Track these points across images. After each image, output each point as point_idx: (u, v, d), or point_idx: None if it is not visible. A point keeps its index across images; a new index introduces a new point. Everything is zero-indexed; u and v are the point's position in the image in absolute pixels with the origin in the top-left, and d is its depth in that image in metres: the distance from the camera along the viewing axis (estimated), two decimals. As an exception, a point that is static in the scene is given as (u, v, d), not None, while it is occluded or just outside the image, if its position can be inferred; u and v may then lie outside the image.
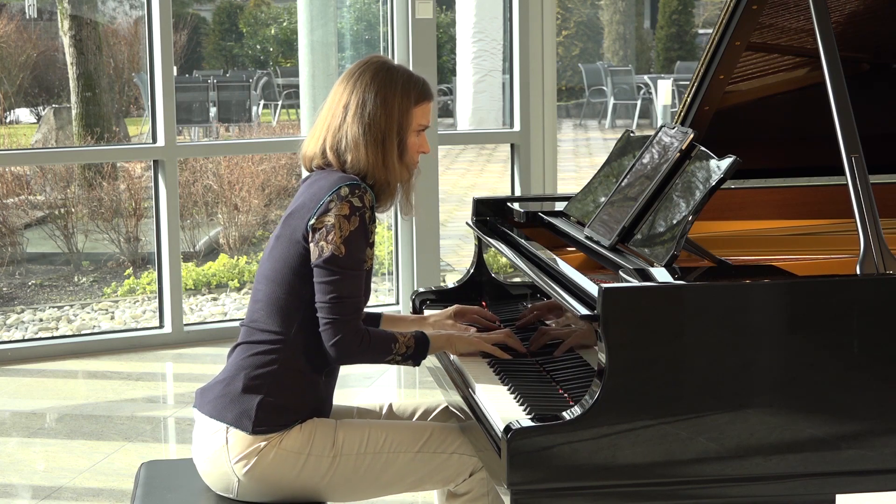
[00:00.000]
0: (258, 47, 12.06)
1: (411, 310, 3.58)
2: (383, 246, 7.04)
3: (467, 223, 3.63)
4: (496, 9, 10.84)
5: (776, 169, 3.66)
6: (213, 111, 9.81)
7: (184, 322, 6.35)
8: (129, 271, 7.50)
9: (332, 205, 2.80)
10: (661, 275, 2.58)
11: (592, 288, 2.58)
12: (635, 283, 2.52)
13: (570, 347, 2.83)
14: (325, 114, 2.95)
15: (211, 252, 7.88)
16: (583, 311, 2.55)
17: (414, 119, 2.92)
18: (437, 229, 6.78)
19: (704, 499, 2.53)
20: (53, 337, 6.55)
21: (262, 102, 12.39)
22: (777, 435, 2.51)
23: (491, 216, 3.60)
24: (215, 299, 7.37)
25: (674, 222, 2.77)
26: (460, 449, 2.88)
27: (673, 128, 3.06)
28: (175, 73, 6.29)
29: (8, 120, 8.28)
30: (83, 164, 7.76)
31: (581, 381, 2.71)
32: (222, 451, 2.82)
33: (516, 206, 3.54)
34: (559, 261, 2.90)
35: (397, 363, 2.90)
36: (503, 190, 10.94)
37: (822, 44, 2.79)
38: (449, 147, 13.89)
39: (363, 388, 5.55)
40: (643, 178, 3.00)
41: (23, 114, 8.64)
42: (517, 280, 3.34)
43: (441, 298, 3.56)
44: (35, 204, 7.73)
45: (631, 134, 3.34)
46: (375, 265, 3.05)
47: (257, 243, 8.00)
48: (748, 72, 3.55)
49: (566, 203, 3.41)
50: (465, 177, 13.48)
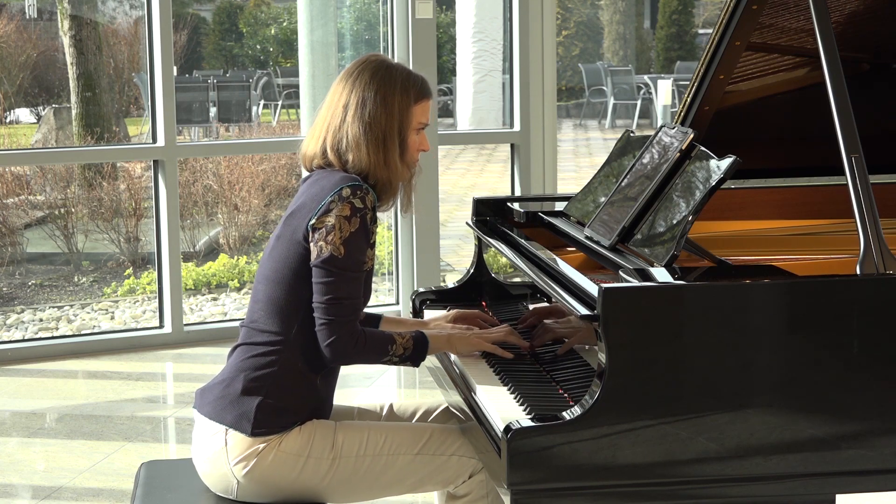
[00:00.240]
0: (258, 47, 12.06)
1: (411, 310, 3.58)
2: (383, 246, 7.04)
3: (467, 223, 3.63)
4: (496, 9, 10.84)
5: (776, 169, 3.66)
6: (213, 111, 9.80)
7: (184, 322, 6.35)
8: (129, 271, 7.49)
9: (334, 205, 2.79)
10: (661, 275, 2.58)
11: (592, 288, 2.58)
12: (635, 283, 2.52)
13: (571, 348, 2.83)
14: (325, 113, 2.94)
15: (211, 252, 7.87)
16: (583, 311, 2.55)
17: (414, 117, 2.91)
18: (437, 229, 6.78)
19: (704, 499, 2.53)
20: (53, 337, 6.54)
21: (262, 102, 12.38)
22: (777, 435, 2.51)
23: (491, 216, 3.59)
24: (215, 299, 7.37)
25: (674, 222, 2.77)
26: (460, 451, 2.88)
27: (673, 128, 3.05)
28: (175, 73, 6.28)
29: (8, 120, 8.28)
30: (83, 164, 7.76)
31: (581, 381, 2.70)
32: (221, 453, 2.81)
33: (516, 206, 3.54)
34: (559, 261, 2.89)
35: (395, 364, 2.89)
36: (503, 190, 10.93)
37: (822, 44, 2.79)
38: (449, 147, 13.89)
39: (363, 389, 5.55)
40: (643, 178, 3.00)
41: (23, 114, 8.64)
42: (517, 280, 3.33)
43: (441, 298, 3.56)
44: (35, 204, 7.72)
45: (631, 134, 3.34)
46: (375, 265, 3.03)
47: (257, 243, 8.00)
48: (748, 72, 3.55)
49: (566, 203, 3.40)
50: (465, 177, 13.47)
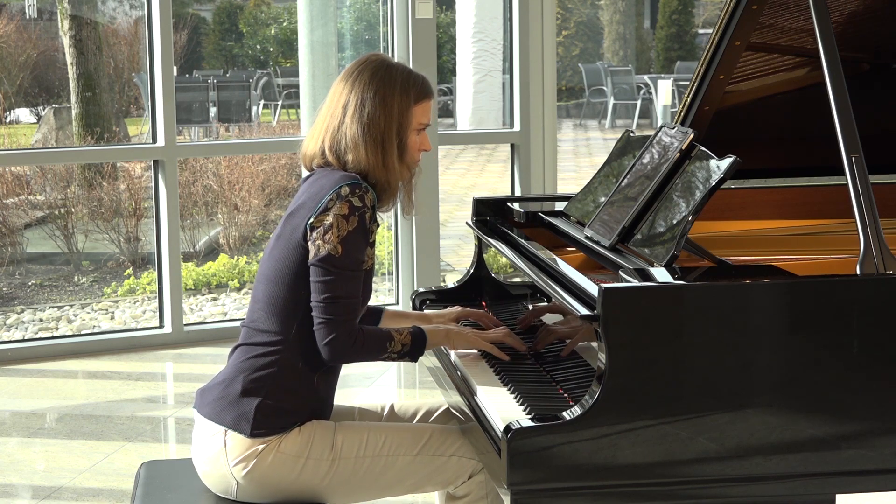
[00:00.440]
0: (258, 47, 12.06)
1: (411, 310, 3.57)
2: (383, 246, 7.04)
3: (467, 223, 3.63)
4: (496, 9, 10.84)
5: (776, 169, 3.66)
6: (213, 111, 9.80)
7: (184, 322, 6.35)
8: (129, 271, 7.49)
9: (332, 204, 2.78)
10: (661, 275, 2.58)
11: (592, 288, 2.58)
12: (635, 283, 2.52)
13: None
14: (325, 113, 2.93)
15: (211, 252, 7.87)
16: (583, 311, 2.55)
17: (414, 118, 2.90)
18: (437, 229, 6.78)
19: (704, 499, 2.53)
20: (53, 337, 6.54)
21: (262, 102, 12.38)
22: (777, 435, 2.51)
23: (491, 216, 3.59)
24: (215, 299, 7.37)
25: (674, 222, 2.77)
26: (459, 451, 2.87)
27: (673, 128, 3.05)
28: (175, 73, 6.28)
29: (8, 120, 8.28)
30: (83, 164, 7.75)
31: (581, 381, 2.70)
32: (221, 454, 2.81)
33: (516, 206, 3.54)
34: (559, 261, 2.89)
35: (394, 360, 2.89)
36: (503, 190, 10.93)
37: (822, 44, 2.79)
38: (449, 147, 13.89)
39: (363, 388, 5.55)
40: (643, 178, 3.00)
41: (23, 114, 8.64)
42: (517, 280, 3.33)
43: (441, 298, 3.56)
44: (35, 204, 7.72)
45: (631, 134, 3.34)
46: (376, 265, 3.03)
47: (257, 243, 8.00)
48: (748, 72, 3.55)
49: (566, 203, 3.40)
50: (465, 177, 13.47)
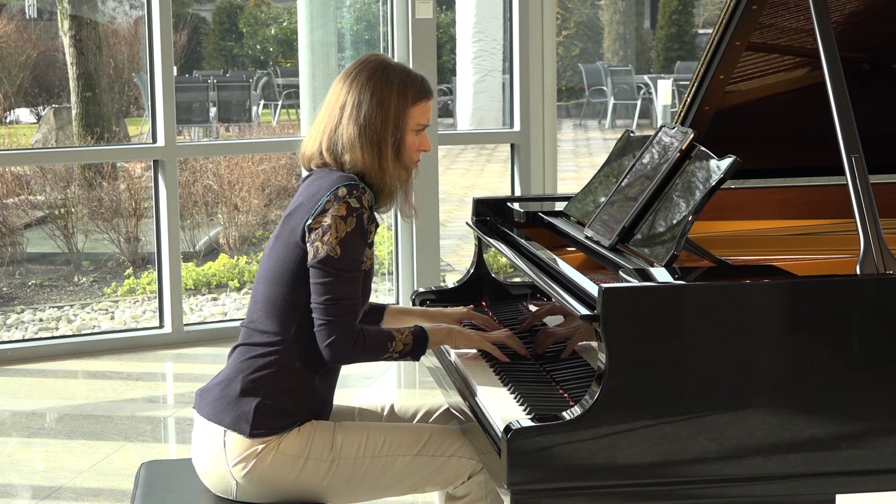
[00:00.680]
0: (258, 47, 12.06)
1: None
2: (383, 246, 7.04)
3: (467, 223, 3.63)
4: (496, 9, 10.83)
5: (776, 169, 3.66)
6: (213, 111, 9.80)
7: (184, 322, 6.35)
8: (129, 271, 7.49)
9: (330, 205, 2.78)
10: (661, 275, 2.58)
11: (592, 288, 2.58)
12: (635, 283, 2.52)
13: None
14: (323, 114, 2.93)
15: (211, 252, 7.87)
16: (583, 311, 2.55)
17: (411, 119, 2.88)
18: (437, 229, 6.78)
19: (704, 499, 2.53)
20: (53, 337, 6.54)
21: (262, 102, 12.38)
22: (777, 435, 2.51)
23: (491, 216, 3.59)
24: (215, 299, 7.37)
25: (674, 222, 2.77)
26: (459, 452, 2.87)
27: (673, 128, 3.05)
28: (175, 73, 6.28)
29: (8, 120, 8.28)
30: (83, 164, 7.75)
31: (581, 381, 2.70)
32: (220, 454, 2.81)
33: (516, 206, 3.54)
34: (559, 261, 2.89)
35: (396, 359, 2.89)
36: (503, 190, 10.93)
37: (822, 44, 2.79)
38: (449, 147, 13.89)
39: (363, 388, 5.55)
40: (643, 178, 3.00)
41: (23, 114, 8.64)
42: (517, 280, 3.33)
43: (441, 298, 3.56)
44: (35, 204, 7.72)
45: (631, 134, 3.34)
46: (375, 265, 3.02)
47: (257, 243, 8.00)
48: (748, 72, 3.54)
49: (566, 203, 3.40)
50: (465, 177, 13.47)
